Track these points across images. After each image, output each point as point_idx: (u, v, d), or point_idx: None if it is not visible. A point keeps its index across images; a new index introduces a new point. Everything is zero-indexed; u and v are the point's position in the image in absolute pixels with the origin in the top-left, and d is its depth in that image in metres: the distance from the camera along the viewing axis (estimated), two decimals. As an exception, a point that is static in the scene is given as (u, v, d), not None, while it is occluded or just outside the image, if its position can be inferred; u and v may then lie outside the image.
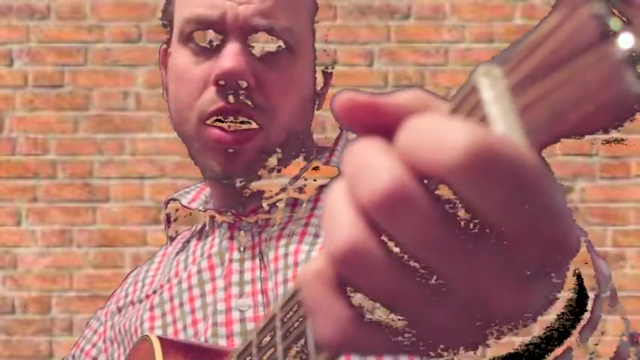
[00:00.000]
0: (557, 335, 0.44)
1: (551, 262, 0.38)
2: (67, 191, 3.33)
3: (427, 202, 0.38)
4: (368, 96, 0.42)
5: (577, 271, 0.45)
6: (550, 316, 0.44)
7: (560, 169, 3.12)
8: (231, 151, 1.00)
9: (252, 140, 1.00)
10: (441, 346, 0.41)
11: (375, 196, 0.38)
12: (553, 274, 0.39)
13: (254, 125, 1.00)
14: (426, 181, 0.38)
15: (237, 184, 1.03)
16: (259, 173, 1.03)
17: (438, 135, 0.37)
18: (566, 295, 0.44)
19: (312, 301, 0.42)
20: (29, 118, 3.35)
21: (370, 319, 0.41)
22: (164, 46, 1.11)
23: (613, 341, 0.49)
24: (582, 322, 0.45)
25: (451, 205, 0.38)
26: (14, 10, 3.37)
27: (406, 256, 0.39)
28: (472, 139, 0.36)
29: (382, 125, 0.42)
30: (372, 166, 0.39)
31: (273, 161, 1.03)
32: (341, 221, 0.40)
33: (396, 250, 0.39)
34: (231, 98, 0.99)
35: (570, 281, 0.44)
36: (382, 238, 0.39)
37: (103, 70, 3.36)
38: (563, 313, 0.44)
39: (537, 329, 0.43)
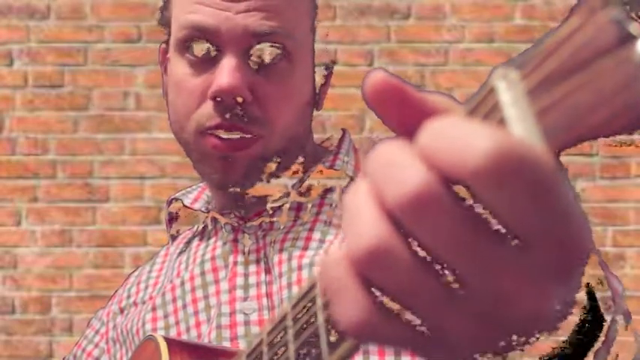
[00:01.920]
0: (572, 356, 0.44)
1: (566, 265, 0.38)
2: (67, 191, 3.32)
3: (452, 204, 0.38)
4: (401, 81, 0.42)
5: (592, 291, 0.45)
6: (566, 336, 0.44)
7: (559, 169, 3.11)
8: (228, 158, 1.01)
9: (248, 148, 1.01)
10: (458, 351, 0.41)
11: (402, 197, 0.38)
12: (568, 278, 0.39)
13: (251, 137, 1.00)
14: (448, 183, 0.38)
15: (235, 192, 1.03)
16: (260, 177, 1.03)
17: (461, 138, 0.37)
18: (581, 315, 0.44)
19: (333, 287, 0.42)
20: (29, 118, 3.35)
21: (391, 309, 0.41)
22: (163, 45, 1.11)
23: None
24: (598, 343, 0.45)
25: (473, 207, 0.38)
26: (14, 10, 3.37)
27: (429, 258, 0.39)
28: (495, 143, 0.36)
29: (405, 115, 0.42)
30: (400, 167, 0.39)
31: (271, 168, 1.03)
32: (365, 220, 0.40)
33: (419, 251, 0.39)
34: (227, 115, 0.99)
35: (585, 301, 0.45)
36: (406, 239, 0.39)
37: (103, 70, 3.36)
38: (578, 334, 0.44)
39: (552, 350, 0.43)
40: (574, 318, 0.44)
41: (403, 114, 0.42)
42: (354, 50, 3.33)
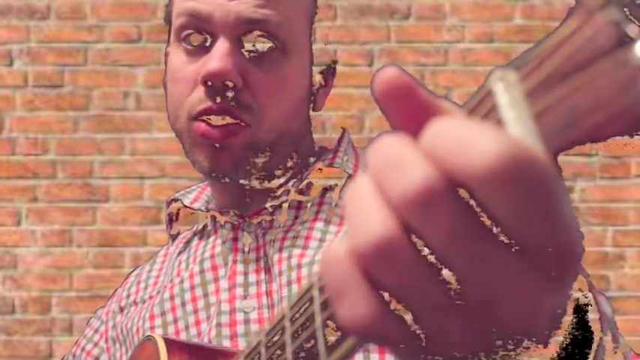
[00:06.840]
0: None
1: (560, 271, 0.38)
2: (67, 191, 3.32)
3: (455, 204, 0.38)
4: (412, 79, 0.42)
5: (579, 312, 0.45)
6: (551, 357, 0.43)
7: (559, 169, 3.11)
8: (217, 145, 1.01)
9: (237, 135, 1.00)
10: (451, 352, 0.41)
11: (408, 192, 0.38)
12: (560, 285, 0.39)
13: (240, 124, 1.00)
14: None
15: (225, 181, 1.03)
16: (250, 170, 1.03)
17: (467, 141, 0.37)
18: (566, 337, 0.44)
19: (337, 284, 0.42)
20: (29, 118, 3.34)
21: (394, 309, 0.41)
22: (168, 47, 1.12)
23: None
24: None
25: (475, 209, 0.38)
26: (14, 10, 3.37)
27: (431, 257, 0.39)
28: (501, 148, 0.36)
29: (411, 114, 0.42)
30: (406, 162, 0.38)
31: (262, 160, 1.03)
32: (371, 215, 0.39)
33: (423, 249, 0.39)
34: (218, 98, 1.00)
35: (572, 323, 0.44)
36: (410, 236, 0.39)
37: (103, 70, 3.36)
38: (564, 355, 0.44)
39: None
40: (560, 338, 0.44)
41: (409, 113, 0.42)
42: (354, 50, 3.33)
